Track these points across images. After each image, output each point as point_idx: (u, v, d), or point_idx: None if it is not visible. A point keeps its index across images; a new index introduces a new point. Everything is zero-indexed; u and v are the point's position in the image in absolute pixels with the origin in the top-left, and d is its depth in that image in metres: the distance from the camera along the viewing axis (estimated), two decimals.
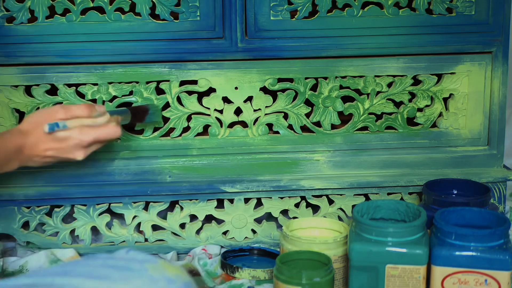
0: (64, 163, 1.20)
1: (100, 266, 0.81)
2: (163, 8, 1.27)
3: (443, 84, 1.34)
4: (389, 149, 1.35)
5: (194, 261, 1.28)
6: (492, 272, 1.02)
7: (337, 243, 1.14)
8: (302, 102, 1.32)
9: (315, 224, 1.25)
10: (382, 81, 1.33)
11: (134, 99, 1.30)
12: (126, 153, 1.31)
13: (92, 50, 1.27)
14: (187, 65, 1.29)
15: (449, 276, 1.03)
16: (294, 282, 1.04)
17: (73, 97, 1.29)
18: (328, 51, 1.30)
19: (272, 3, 1.27)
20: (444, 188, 1.28)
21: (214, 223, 1.35)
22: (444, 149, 1.36)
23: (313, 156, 1.34)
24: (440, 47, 1.32)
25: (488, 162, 1.37)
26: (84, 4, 1.25)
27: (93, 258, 0.84)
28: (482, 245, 1.02)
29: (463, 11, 1.30)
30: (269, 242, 1.35)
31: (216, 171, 1.33)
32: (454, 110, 1.35)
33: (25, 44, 1.26)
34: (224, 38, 1.28)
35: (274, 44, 1.29)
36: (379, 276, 1.05)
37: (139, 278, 0.80)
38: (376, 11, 1.29)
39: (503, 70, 1.33)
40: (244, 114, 1.32)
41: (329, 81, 1.32)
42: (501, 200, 1.35)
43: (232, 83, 1.31)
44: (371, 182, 1.33)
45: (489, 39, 1.32)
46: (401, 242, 1.04)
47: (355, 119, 1.34)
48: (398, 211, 1.14)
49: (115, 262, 0.82)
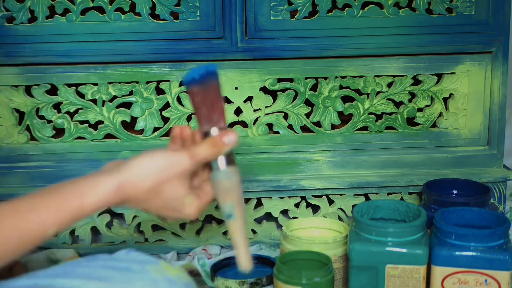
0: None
1: (101, 267, 0.81)
2: (163, 8, 1.27)
3: (443, 84, 1.34)
4: (389, 149, 1.36)
5: (194, 261, 1.28)
6: (492, 272, 1.02)
7: (337, 243, 1.14)
8: (302, 102, 1.32)
9: (315, 224, 1.25)
10: (382, 81, 1.33)
11: (134, 99, 1.30)
12: (126, 153, 1.31)
13: (92, 50, 1.27)
14: (187, 65, 1.29)
15: (449, 276, 1.03)
16: (294, 282, 1.04)
17: (73, 97, 1.29)
18: (328, 51, 1.30)
19: (272, 3, 1.27)
20: (444, 188, 1.28)
21: (214, 223, 1.35)
22: (444, 149, 1.36)
23: (313, 156, 1.34)
24: (440, 47, 1.32)
25: (488, 162, 1.37)
26: (84, 4, 1.25)
27: (93, 259, 0.83)
28: (482, 245, 1.02)
29: (463, 11, 1.30)
30: (269, 242, 1.35)
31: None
32: (454, 110, 1.35)
33: (25, 44, 1.26)
34: (224, 38, 1.28)
35: (274, 44, 1.29)
36: (379, 276, 1.05)
37: (139, 279, 0.79)
38: (376, 11, 1.29)
39: (503, 70, 1.33)
40: (244, 114, 1.32)
41: (329, 81, 1.32)
42: (501, 200, 1.35)
43: (232, 83, 1.31)
44: (371, 182, 1.33)
45: (489, 39, 1.32)
46: (401, 242, 1.04)
47: (355, 119, 1.34)
48: (398, 211, 1.14)
49: (115, 263, 0.82)
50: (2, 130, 1.30)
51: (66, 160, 1.31)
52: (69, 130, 1.31)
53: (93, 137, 1.31)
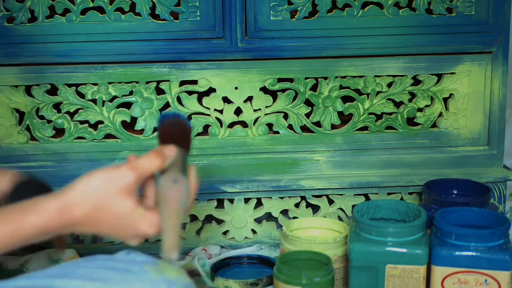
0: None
1: (100, 268, 0.81)
2: (163, 8, 1.27)
3: (443, 84, 1.34)
4: (389, 149, 1.35)
5: (194, 261, 1.28)
6: (492, 272, 1.02)
7: (337, 243, 1.14)
8: (302, 102, 1.32)
9: (315, 224, 1.25)
10: (382, 81, 1.33)
11: (134, 99, 1.30)
12: (126, 153, 1.31)
13: (92, 50, 1.27)
14: (187, 65, 1.29)
15: (449, 276, 1.03)
16: (294, 282, 1.04)
17: (73, 97, 1.29)
18: (328, 51, 1.30)
19: (272, 3, 1.27)
20: (444, 188, 1.28)
21: (214, 223, 1.35)
22: (444, 149, 1.36)
23: (313, 156, 1.34)
24: (440, 47, 1.32)
25: (488, 162, 1.37)
26: (84, 4, 1.25)
27: (93, 259, 0.83)
28: (482, 245, 1.02)
29: (463, 11, 1.30)
30: (269, 242, 1.35)
31: (216, 171, 1.33)
32: (454, 110, 1.35)
33: (25, 44, 1.26)
34: (224, 38, 1.28)
35: (274, 44, 1.29)
36: (379, 276, 1.05)
37: (138, 280, 0.79)
38: (376, 11, 1.29)
39: (503, 70, 1.33)
40: (244, 114, 1.32)
41: (329, 81, 1.32)
42: (501, 200, 1.35)
43: (232, 83, 1.31)
44: (371, 182, 1.33)
45: (489, 39, 1.32)
46: (401, 242, 1.04)
47: (355, 119, 1.34)
48: (398, 211, 1.14)
49: (115, 264, 0.82)
50: (2, 130, 1.30)
51: (66, 160, 1.31)
52: (69, 130, 1.31)
53: (93, 137, 1.31)
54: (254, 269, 1.25)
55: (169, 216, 0.81)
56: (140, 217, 0.79)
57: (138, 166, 0.80)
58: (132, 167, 0.79)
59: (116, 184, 0.78)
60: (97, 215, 0.78)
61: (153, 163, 0.81)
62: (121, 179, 0.78)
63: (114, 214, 0.79)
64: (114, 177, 0.78)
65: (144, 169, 0.80)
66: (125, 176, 0.79)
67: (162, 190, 0.81)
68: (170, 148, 0.84)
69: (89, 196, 0.78)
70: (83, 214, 0.78)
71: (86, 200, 0.78)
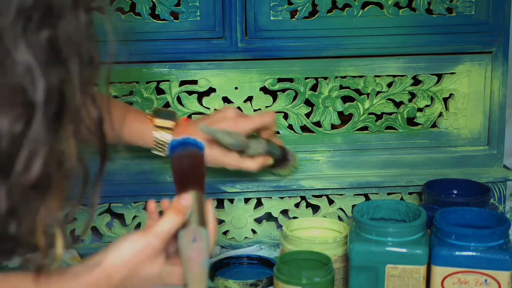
0: None
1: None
2: (163, 8, 1.27)
3: (443, 84, 1.34)
4: (389, 149, 1.35)
5: None
6: (492, 272, 1.02)
7: (337, 243, 1.14)
8: (302, 102, 1.32)
9: (315, 224, 1.24)
10: (382, 81, 1.33)
11: (134, 99, 1.30)
12: (126, 153, 1.31)
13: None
14: (187, 65, 1.29)
15: (449, 276, 1.03)
16: (294, 282, 1.04)
17: None
18: (328, 51, 1.30)
19: (272, 3, 1.27)
20: (444, 188, 1.28)
21: None
22: (444, 149, 1.36)
23: (313, 156, 1.34)
24: (440, 47, 1.32)
25: (488, 162, 1.37)
26: None
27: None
28: (482, 245, 1.02)
29: (463, 11, 1.30)
30: (269, 242, 1.35)
31: (216, 171, 1.33)
32: (454, 110, 1.35)
33: None
34: (224, 38, 1.28)
35: (274, 44, 1.29)
36: (379, 276, 1.05)
37: None
38: (376, 11, 1.29)
39: (503, 70, 1.33)
40: None
41: (329, 81, 1.32)
42: (501, 200, 1.35)
43: (232, 83, 1.31)
44: (371, 182, 1.33)
45: (489, 39, 1.32)
46: (401, 242, 1.04)
47: (355, 119, 1.34)
48: (398, 211, 1.14)
49: None
50: None
51: None
52: None
53: None
54: (254, 269, 1.25)
55: (192, 276, 0.85)
56: (168, 275, 0.85)
57: (161, 231, 0.84)
58: (155, 234, 0.83)
59: (144, 253, 0.83)
60: (130, 279, 0.83)
61: (173, 223, 0.85)
62: (148, 248, 0.83)
63: (145, 278, 0.84)
64: (142, 247, 0.82)
65: (167, 233, 0.84)
66: (151, 244, 0.83)
67: (182, 251, 0.84)
68: (186, 197, 0.88)
69: (121, 267, 0.82)
70: (119, 280, 0.82)
71: (119, 271, 0.82)
